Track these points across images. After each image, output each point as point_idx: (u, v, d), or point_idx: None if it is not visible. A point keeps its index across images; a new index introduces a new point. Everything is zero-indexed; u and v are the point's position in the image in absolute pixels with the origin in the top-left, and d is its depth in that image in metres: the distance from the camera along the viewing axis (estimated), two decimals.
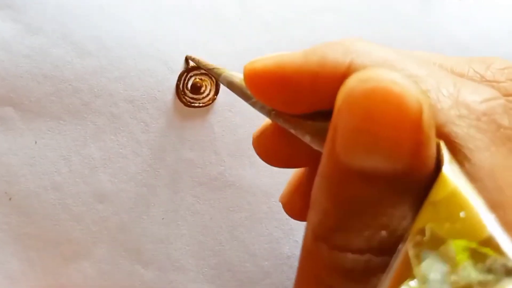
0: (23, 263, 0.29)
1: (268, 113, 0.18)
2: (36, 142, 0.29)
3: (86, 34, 0.29)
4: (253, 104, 0.19)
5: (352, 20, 0.31)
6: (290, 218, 0.23)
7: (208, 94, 0.29)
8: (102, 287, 0.29)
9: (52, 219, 0.29)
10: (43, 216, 0.29)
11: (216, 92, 0.29)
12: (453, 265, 0.11)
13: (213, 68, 0.23)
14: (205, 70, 0.27)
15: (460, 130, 0.13)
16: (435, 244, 0.11)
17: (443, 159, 0.12)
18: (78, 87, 0.29)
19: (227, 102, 0.30)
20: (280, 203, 0.23)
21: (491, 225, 0.11)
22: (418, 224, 0.12)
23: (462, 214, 0.11)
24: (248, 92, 0.18)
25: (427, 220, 0.12)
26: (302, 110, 0.16)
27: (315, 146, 0.16)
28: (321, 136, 0.16)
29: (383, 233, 0.12)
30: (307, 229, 0.14)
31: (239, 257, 0.30)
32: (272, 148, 0.20)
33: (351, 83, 0.12)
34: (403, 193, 0.12)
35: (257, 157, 0.21)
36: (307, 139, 0.16)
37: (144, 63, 0.29)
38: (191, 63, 0.29)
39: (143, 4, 0.29)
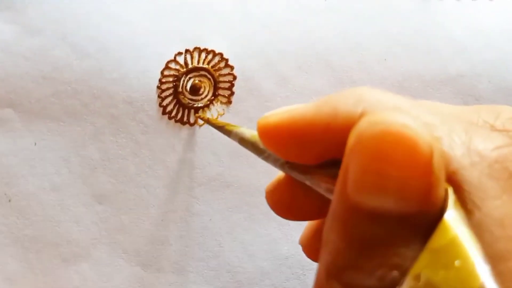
0: (22, 265, 0.29)
1: (281, 166, 0.18)
2: (35, 144, 0.29)
3: (86, 36, 0.29)
4: (266, 158, 0.19)
5: (351, 19, 0.31)
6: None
7: (206, 95, 0.30)
8: None
9: (51, 220, 0.29)
10: (42, 217, 0.29)
11: (215, 94, 0.30)
12: None
13: (224, 126, 0.23)
14: (215, 128, 0.26)
15: (472, 178, 0.13)
16: None
17: (447, 205, 0.12)
18: (78, 88, 0.29)
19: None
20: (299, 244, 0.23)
21: (485, 275, 0.11)
22: (415, 270, 0.12)
23: (457, 263, 0.11)
24: (260, 146, 0.18)
25: (423, 267, 0.12)
26: (316, 160, 0.16)
27: (330, 195, 0.16)
28: (335, 184, 0.16)
29: (395, 273, 0.12)
30: (319, 267, 0.14)
31: (238, 258, 0.30)
32: (286, 202, 0.20)
33: (363, 125, 0.12)
34: (413, 234, 0.12)
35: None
36: (322, 188, 0.16)
37: (143, 65, 0.29)
38: (190, 65, 0.29)
39: (142, 6, 0.30)
